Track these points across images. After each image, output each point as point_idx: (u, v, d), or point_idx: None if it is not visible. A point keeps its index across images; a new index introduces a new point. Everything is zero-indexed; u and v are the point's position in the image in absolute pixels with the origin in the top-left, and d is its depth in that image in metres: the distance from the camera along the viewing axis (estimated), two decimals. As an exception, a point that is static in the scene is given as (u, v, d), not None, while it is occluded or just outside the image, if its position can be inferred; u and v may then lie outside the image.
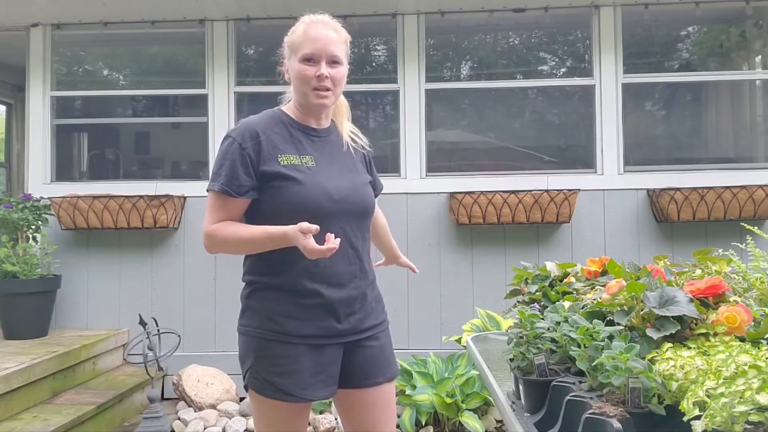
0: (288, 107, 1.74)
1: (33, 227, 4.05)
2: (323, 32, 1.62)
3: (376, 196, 1.85)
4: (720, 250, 1.40)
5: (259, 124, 1.65)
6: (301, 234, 1.48)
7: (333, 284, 1.62)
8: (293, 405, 1.61)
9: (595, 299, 1.26)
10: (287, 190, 1.59)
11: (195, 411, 3.76)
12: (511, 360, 1.23)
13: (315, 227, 1.48)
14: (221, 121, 4.38)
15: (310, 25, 1.63)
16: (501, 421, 3.52)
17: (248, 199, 1.62)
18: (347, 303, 1.65)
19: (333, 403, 1.80)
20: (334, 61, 1.63)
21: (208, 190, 1.65)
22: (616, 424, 0.85)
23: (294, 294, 1.61)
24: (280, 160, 1.60)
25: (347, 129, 1.81)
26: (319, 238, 1.51)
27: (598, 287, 1.41)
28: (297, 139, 1.67)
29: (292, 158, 1.62)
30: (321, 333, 1.62)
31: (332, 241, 1.48)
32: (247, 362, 1.66)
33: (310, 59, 1.61)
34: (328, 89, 1.63)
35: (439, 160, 4.44)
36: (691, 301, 1.07)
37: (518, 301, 1.70)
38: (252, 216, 1.66)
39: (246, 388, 1.66)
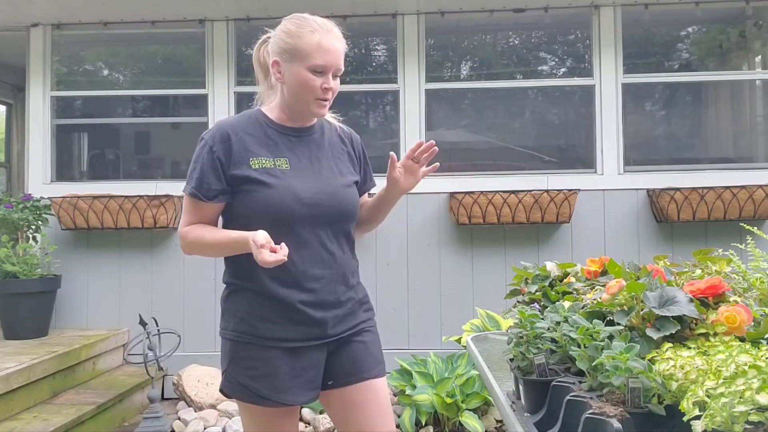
0: (269, 108, 1.69)
1: (33, 227, 4.05)
2: (335, 45, 1.58)
3: (364, 192, 1.81)
4: (720, 250, 1.40)
5: (233, 126, 1.62)
6: (254, 244, 1.45)
7: (306, 289, 1.59)
8: (274, 409, 1.58)
9: (595, 299, 1.26)
10: (257, 194, 1.56)
11: (195, 411, 3.76)
12: (511, 360, 1.23)
13: (266, 241, 1.45)
14: (221, 121, 4.37)
15: (324, 36, 1.57)
16: (501, 421, 3.52)
17: (220, 203, 1.61)
18: (322, 307, 1.61)
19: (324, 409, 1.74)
20: (336, 75, 1.61)
21: (182, 192, 1.64)
22: (616, 424, 0.85)
23: (266, 297, 1.58)
24: (251, 163, 1.58)
25: (333, 124, 1.76)
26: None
27: (598, 287, 1.41)
28: (273, 141, 1.63)
29: (264, 161, 1.59)
30: (296, 336, 1.59)
31: (281, 252, 1.45)
32: (223, 365, 1.64)
33: (319, 71, 1.57)
34: (327, 100, 1.62)
35: (439, 160, 4.43)
36: (691, 301, 1.07)
37: (518, 301, 1.70)
38: (226, 218, 1.65)
39: (222, 391, 1.64)
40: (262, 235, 1.46)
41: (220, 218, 1.67)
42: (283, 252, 1.45)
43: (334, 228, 1.64)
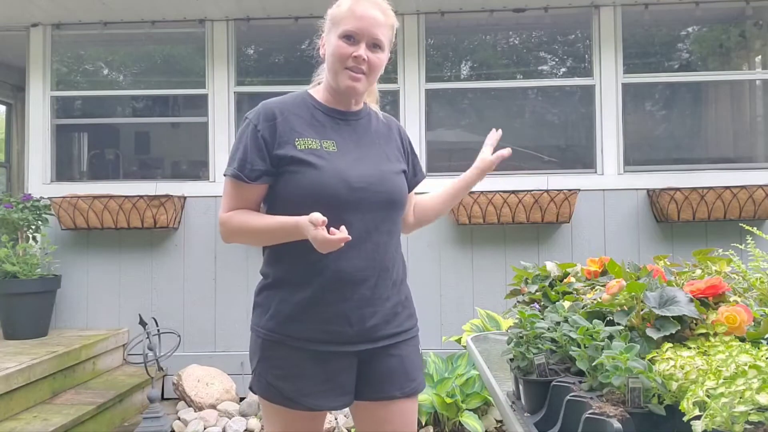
0: (316, 89, 1.61)
1: (33, 227, 4.05)
2: (370, 12, 1.48)
3: (414, 185, 1.72)
4: (720, 250, 1.40)
5: (279, 105, 1.53)
6: (311, 225, 1.35)
7: (344, 282, 1.47)
8: (299, 412, 1.49)
9: (595, 299, 1.26)
10: (302, 176, 1.46)
11: (195, 411, 3.76)
12: (511, 360, 1.23)
13: (324, 218, 1.35)
14: (221, 121, 4.38)
15: (358, 2, 1.48)
16: (501, 421, 3.52)
17: (263, 185, 1.50)
18: (359, 305, 1.49)
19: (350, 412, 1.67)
20: (375, 45, 1.50)
21: (224, 175, 1.54)
22: (616, 424, 0.85)
23: (302, 290, 1.48)
24: (296, 143, 1.48)
25: (379, 113, 1.68)
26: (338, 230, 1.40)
27: (598, 287, 1.41)
28: (319, 122, 1.54)
29: (310, 142, 1.49)
30: (328, 338, 1.49)
31: (343, 232, 1.35)
32: (252, 362, 1.56)
33: (350, 37, 1.48)
34: (362, 72, 1.50)
35: (438, 160, 4.44)
36: (691, 301, 1.07)
37: (518, 301, 1.69)
38: (269, 203, 1.55)
39: (251, 389, 1.56)
40: (319, 214, 1.36)
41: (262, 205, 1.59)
42: (343, 233, 1.35)
43: (383, 216, 1.53)
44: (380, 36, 1.50)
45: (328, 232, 1.35)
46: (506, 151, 1.74)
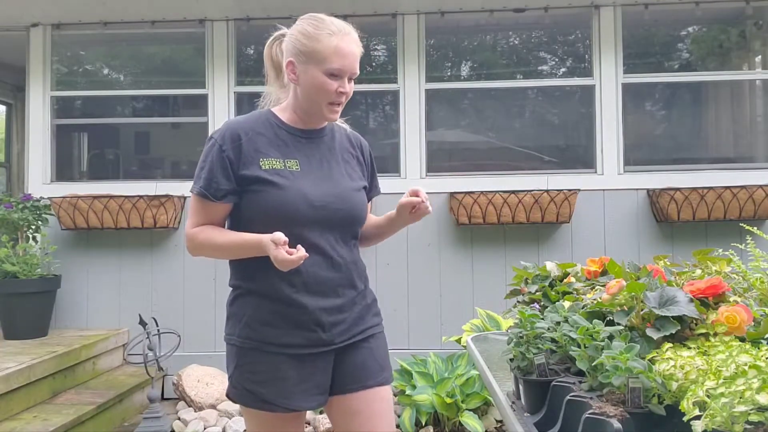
0: (280, 109, 1.66)
1: (33, 227, 4.05)
2: (353, 49, 1.56)
3: (370, 199, 1.78)
4: (720, 250, 1.41)
5: (243, 126, 1.60)
6: (272, 244, 1.43)
7: (314, 292, 1.56)
8: (280, 415, 1.56)
9: (595, 299, 1.26)
10: (266, 195, 1.53)
11: (195, 411, 3.76)
12: (511, 360, 1.23)
13: (285, 238, 1.44)
14: (221, 121, 4.36)
15: (342, 39, 1.54)
16: (501, 421, 3.52)
17: (228, 204, 1.58)
18: (330, 312, 1.59)
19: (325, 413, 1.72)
20: (351, 78, 1.58)
21: (190, 192, 1.61)
22: (616, 424, 0.85)
23: (274, 301, 1.56)
24: (261, 164, 1.55)
25: (342, 128, 1.75)
26: (302, 247, 1.47)
27: (598, 287, 1.41)
28: (283, 142, 1.60)
29: (274, 162, 1.56)
30: (303, 342, 1.56)
31: (298, 252, 1.43)
32: (228, 371, 1.61)
33: (336, 75, 1.54)
34: (341, 104, 1.59)
35: (439, 160, 4.44)
36: (691, 301, 1.07)
37: (518, 301, 1.70)
38: (234, 220, 1.62)
39: (228, 397, 1.62)
40: (281, 234, 1.44)
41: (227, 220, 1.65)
42: (301, 252, 1.43)
43: (342, 231, 1.62)
44: (357, 70, 1.58)
45: (288, 251, 1.43)
46: (416, 200, 1.62)
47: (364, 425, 1.63)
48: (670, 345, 1.02)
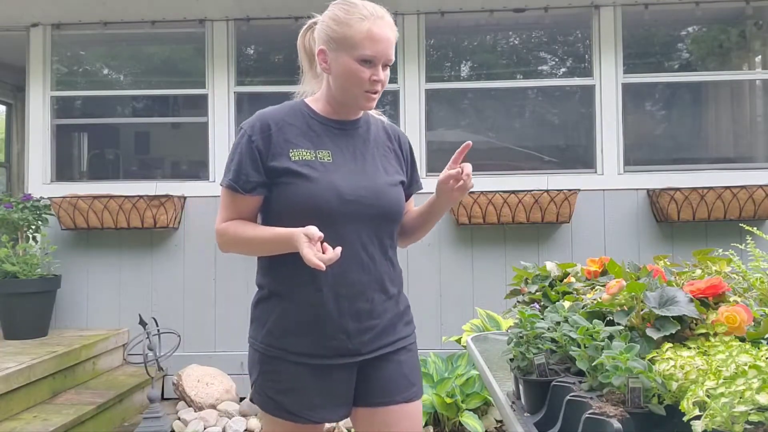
0: (313, 99, 1.58)
1: (33, 227, 4.05)
2: (387, 34, 1.46)
3: (410, 195, 1.70)
4: (720, 250, 1.40)
5: (273, 115, 1.52)
6: (305, 238, 1.34)
7: (342, 296, 1.47)
8: (300, 426, 1.50)
9: (595, 299, 1.26)
10: (295, 188, 1.46)
11: (195, 411, 3.76)
12: (511, 360, 1.23)
13: (320, 234, 1.34)
14: (221, 121, 4.38)
15: (375, 23, 1.45)
16: (501, 421, 3.52)
17: (258, 196, 1.50)
18: (358, 317, 1.49)
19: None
20: (386, 65, 1.50)
21: (220, 185, 1.54)
22: (616, 424, 0.85)
23: (297, 306, 1.48)
24: (291, 155, 1.47)
25: (379, 120, 1.66)
26: (332, 244, 1.38)
27: (598, 287, 1.41)
28: (315, 132, 1.52)
29: (304, 153, 1.48)
30: (327, 352, 1.48)
31: (330, 253, 1.33)
32: (252, 376, 1.55)
33: (368, 61, 1.46)
34: (377, 92, 1.51)
35: (438, 160, 4.43)
36: (691, 301, 1.07)
37: (518, 301, 1.69)
38: (264, 215, 1.55)
39: (252, 401, 1.57)
40: (315, 229, 1.35)
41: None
42: (335, 251, 1.34)
43: (376, 229, 1.52)
44: (392, 56, 1.49)
45: (322, 248, 1.35)
46: (454, 171, 1.55)
47: None
48: (670, 345, 1.02)
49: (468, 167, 1.56)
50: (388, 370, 1.55)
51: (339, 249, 1.35)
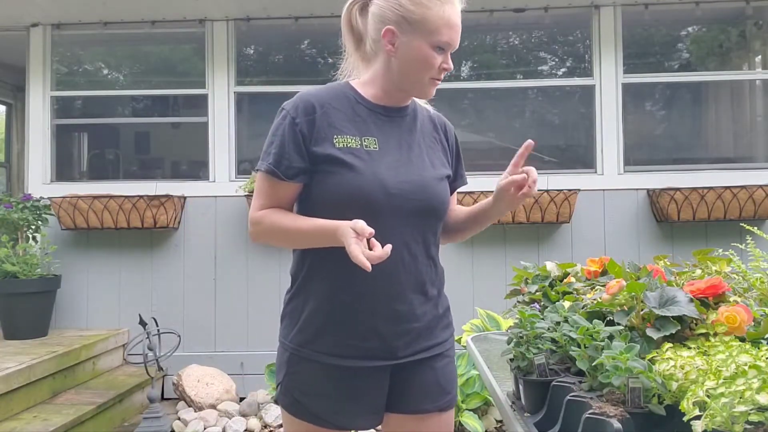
0: (360, 82, 1.47)
1: (33, 227, 4.05)
2: (458, 19, 1.40)
3: (454, 190, 1.61)
4: (720, 250, 1.40)
5: (318, 97, 1.40)
6: (352, 233, 1.23)
7: (378, 295, 1.38)
8: (325, 430, 1.41)
9: (595, 299, 1.26)
10: (339, 177, 1.34)
11: (195, 411, 3.76)
12: (511, 360, 1.23)
13: (370, 230, 1.23)
14: (221, 121, 4.38)
15: (453, 8, 1.38)
16: (501, 421, 3.52)
17: (299, 183, 1.39)
18: (395, 320, 1.39)
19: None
20: (451, 52, 1.43)
21: (257, 171, 1.42)
22: (616, 424, 0.85)
23: (333, 303, 1.39)
24: (335, 141, 1.36)
25: (424, 108, 1.56)
26: (376, 239, 1.28)
27: (598, 287, 1.41)
28: (361, 118, 1.41)
29: (349, 140, 1.37)
30: (359, 354, 1.39)
31: (379, 250, 1.23)
32: (279, 376, 1.47)
33: (442, 48, 1.40)
34: (440, 80, 1.44)
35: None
36: (691, 301, 1.07)
37: (518, 301, 1.69)
38: (301, 204, 1.43)
39: (276, 401, 1.52)
40: (364, 224, 1.24)
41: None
42: (385, 249, 1.23)
43: (419, 225, 1.42)
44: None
45: (369, 245, 1.25)
46: (519, 177, 1.48)
47: None
48: (670, 345, 1.02)
49: (533, 173, 1.45)
50: (423, 376, 1.47)
51: (389, 247, 1.24)
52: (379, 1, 1.41)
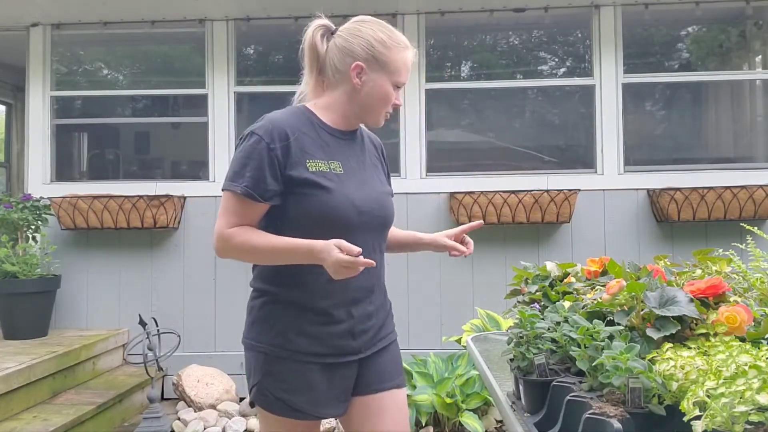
0: (318, 108, 1.59)
1: (33, 227, 4.05)
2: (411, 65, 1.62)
3: None
4: (720, 250, 1.40)
5: (288, 123, 1.51)
6: (335, 248, 1.37)
7: (349, 301, 1.54)
8: (305, 422, 1.55)
9: (595, 299, 1.26)
10: (314, 198, 1.47)
11: (195, 411, 3.76)
12: (511, 360, 1.23)
13: (357, 249, 1.37)
14: (221, 121, 4.38)
15: (410, 54, 1.59)
16: (501, 421, 3.52)
17: (270, 204, 1.49)
18: (361, 320, 1.57)
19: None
20: None
21: (225, 190, 1.49)
22: (616, 425, 0.85)
23: (308, 310, 1.52)
24: (308, 165, 1.49)
25: (362, 128, 1.71)
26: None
27: (598, 287, 1.41)
28: (325, 143, 1.55)
29: (320, 164, 1.50)
30: (334, 351, 1.54)
31: (362, 259, 1.38)
32: (253, 378, 1.56)
33: (398, 86, 1.58)
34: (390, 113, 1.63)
35: (439, 160, 4.43)
36: (692, 301, 1.07)
37: (518, 301, 1.70)
38: (274, 223, 1.52)
39: (252, 404, 1.59)
40: (353, 246, 1.38)
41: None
42: (368, 261, 1.39)
43: (378, 237, 1.61)
44: None
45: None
46: (466, 249, 1.72)
47: (383, 423, 1.61)
48: (671, 345, 1.02)
49: (471, 246, 1.72)
50: (381, 360, 1.64)
51: (370, 261, 1.40)
52: (346, 36, 1.58)
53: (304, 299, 1.52)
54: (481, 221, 1.79)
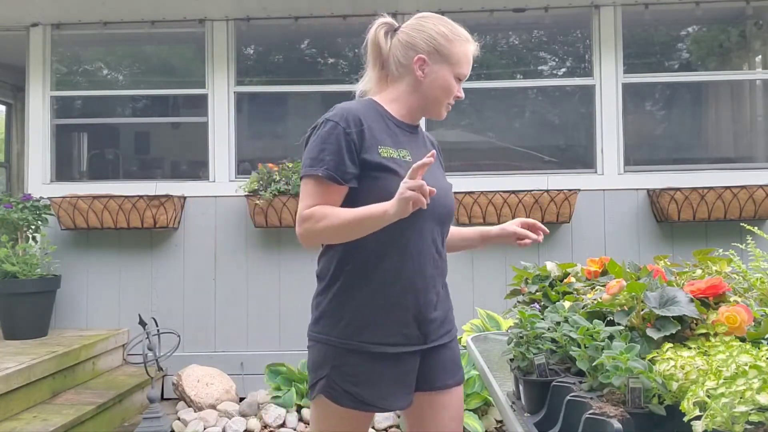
0: (385, 100, 1.65)
1: (33, 227, 4.05)
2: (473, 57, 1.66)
3: None
4: (720, 250, 1.40)
5: (360, 112, 1.56)
6: (403, 185, 1.37)
7: (419, 288, 1.56)
8: (366, 414, 1.56)
9: (595, 299, 1.26)
10: (387, 182, 1.50)
11: (195, 411, 3.76)
12: (511, 360, 1.23)
13: (429, 187, 1.37)
14: (221, 121, 4.38)
15: (471, 46, 1.65)
16: (501, 421, 3.52)
17: (348, 187, 1.52)
18: (428, 308, 1.59)
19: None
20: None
21: (305, 177, 1.52)
22: (617, 425, 0.85)
23: (380, 297, 1.53)
24: (380, 150, 1.53)
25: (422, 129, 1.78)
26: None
27: (598, 287, 1.41)
28: (393, 133, 1.60)
29: (390, 151, 1.55)
30: (401, 341, 1.55)
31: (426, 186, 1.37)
32: (321, 371, 1.56)
33: (459, 79, 1.63)
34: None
35: (439, 160, 4.43)
36: (692, 301, 1.07)
37: (518, 301, 1.70)
38: (345, 205, 1.54)
39: (312, 397, 1.58)
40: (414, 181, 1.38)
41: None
42: (426, 159, 1.39)
43: (441, 227, 1.63)
44: None
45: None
46: (538, 236, 1.75)
47: (442, 419, 1.64)
48: (671, 345, 1.02)
49: (544, 230, 1.76)
50: (443, 356, 1.65)
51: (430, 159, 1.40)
52: (409, 31, 1.65)
53: (371, 287, 1.53)
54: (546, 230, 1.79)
